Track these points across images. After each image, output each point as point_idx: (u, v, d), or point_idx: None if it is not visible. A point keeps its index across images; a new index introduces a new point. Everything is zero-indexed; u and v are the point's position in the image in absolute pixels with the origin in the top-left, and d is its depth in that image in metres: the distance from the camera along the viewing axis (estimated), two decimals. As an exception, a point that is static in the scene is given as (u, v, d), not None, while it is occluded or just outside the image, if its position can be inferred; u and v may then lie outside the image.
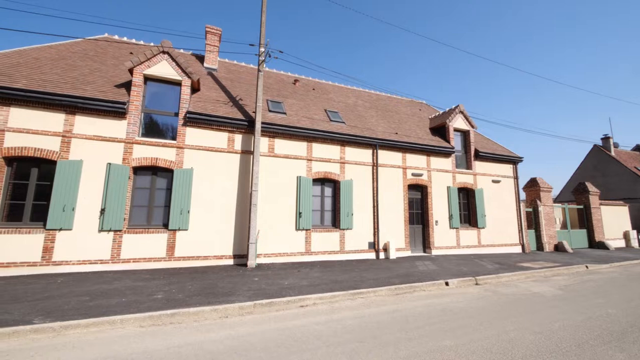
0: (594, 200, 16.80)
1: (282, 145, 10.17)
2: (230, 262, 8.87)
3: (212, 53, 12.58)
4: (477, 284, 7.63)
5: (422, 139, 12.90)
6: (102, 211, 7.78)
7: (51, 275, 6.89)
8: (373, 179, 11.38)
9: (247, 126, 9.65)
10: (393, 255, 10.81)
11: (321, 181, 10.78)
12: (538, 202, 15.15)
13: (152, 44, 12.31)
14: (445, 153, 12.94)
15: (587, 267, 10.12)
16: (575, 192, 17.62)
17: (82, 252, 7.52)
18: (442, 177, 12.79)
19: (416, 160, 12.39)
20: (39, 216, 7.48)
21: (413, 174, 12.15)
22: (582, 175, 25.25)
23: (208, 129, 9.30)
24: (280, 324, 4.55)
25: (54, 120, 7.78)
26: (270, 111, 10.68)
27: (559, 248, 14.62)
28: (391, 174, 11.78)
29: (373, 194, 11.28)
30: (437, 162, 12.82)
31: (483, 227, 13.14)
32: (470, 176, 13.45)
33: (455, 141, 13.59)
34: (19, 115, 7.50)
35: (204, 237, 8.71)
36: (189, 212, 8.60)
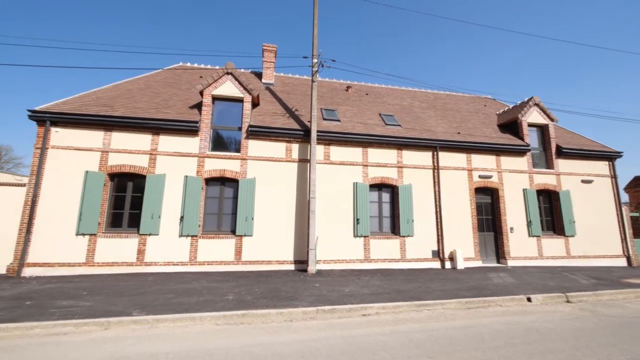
0: None
1: (338, 152, 10.25)
2: (291, 267, 9.17)
3: (269, 69, 13.41)
4: (568, 301, 6.55)
5: (489, 137, 11.76)
6: (182, 218, 8.77)
7: (143, 274, 7.98)
8: (434, 182, 10.71)
9: (303, 135, 9.99)
10: (461, 265, 9.94)
11: (378, 187, 10.53)
12: (647, 204, 12.48)
13: (217, 66, 13.65)
14: (519, 151, 11.56)
15: None
16: (702, 192, 14.09)
17: (167, 255, 8.57)
18: (516, 178, 11.42)
19: (483, 161, 11.31)
20: (133, 223, 8.77)
21: (480, 176, 11.10)
22: None
23: (267, 140, 9.87)
24: (344, 332, 4.50)
25: (143, 140, 9.11)
26: (324, 119, 10.90)
27: (681, 262, 11.77)
28: (455, 177, 10.95)
29: (435, 198, 10.60)
30: (508, 162, 11.51)
31: (572, 235, 11.30)
32: (552, 176, 11.74)
33: (531, 137, 12.07)
34: (118, 138, 8.97)
35: (267, 243, 9.19)
36: (253, 219, 9.18)
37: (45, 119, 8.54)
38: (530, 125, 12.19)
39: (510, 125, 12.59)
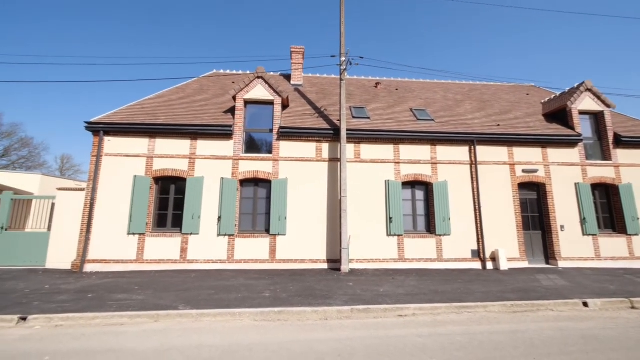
0: None
1: (368, 150, 10.11)
2: (324, 266, 9.22)
3: (297, 70, 13.59)
4: (633, 307, 5.88)
5: (533, 128, 10.90)
6: (219, 219, 9.20)
7: (186, 271, 8.49)
8: (472, 178, 10.16)
9: (332, 134, 9.99)
10: (504, 265, 9.33)
11: (411, 184, 10.22)
12: None
13: (248, 71, 14.09)
14: (569, 142, 10.58)
15: None
16: None
17: (207, 253, 9.04)
18: (565, 171, 10.47)
19: (527, 154, 10.51)
20: (176, 223, 9.36)
21: (524, 171, 10.33)
22: None
23: (298, 140, 10.01)
24: (381, 332, 4.44)
25: (183, 145, 9.68)
26: (354, 117, 10.81)
27: None
28: (495, 172, 10.29)
29: (473, 195, 10.05)
30: (557, 154, 10.58)
31: (635, 234, 10.11)
32: (610, 169, 10.59)
33: (583, 126, 10.97)
34: (161, 144, 9.63)
35: (300, 242, 9.32)
36: (286, 218, 9.37)
37: (99, 129, 9.41)
38: (582, 112, 11.10)
39: (558, 114, 11.56)
